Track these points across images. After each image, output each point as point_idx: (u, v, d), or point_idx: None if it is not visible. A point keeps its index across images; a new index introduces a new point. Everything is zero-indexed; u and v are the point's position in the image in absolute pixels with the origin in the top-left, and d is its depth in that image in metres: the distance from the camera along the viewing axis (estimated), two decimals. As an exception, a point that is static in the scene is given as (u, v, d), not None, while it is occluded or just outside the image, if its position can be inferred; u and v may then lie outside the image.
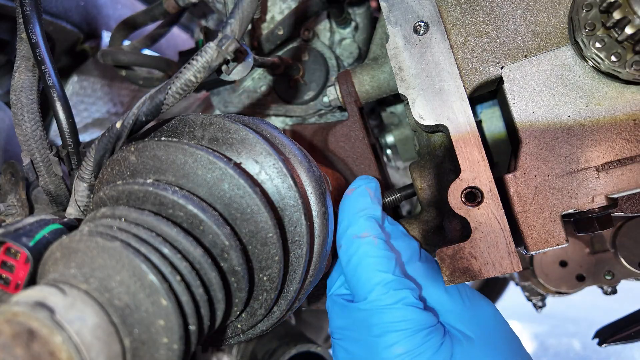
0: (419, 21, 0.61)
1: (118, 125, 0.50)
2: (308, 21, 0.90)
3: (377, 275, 0.58)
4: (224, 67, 0.51)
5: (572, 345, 3.59)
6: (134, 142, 0.48)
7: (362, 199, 0.65)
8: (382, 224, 0.65)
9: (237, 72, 0.54)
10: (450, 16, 0.63)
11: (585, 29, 0.55)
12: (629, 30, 0.51)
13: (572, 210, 0.59)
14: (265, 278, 0.48)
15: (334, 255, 0.72)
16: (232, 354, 1.06)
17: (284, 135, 0.57)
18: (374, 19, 0.95)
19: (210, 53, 0.48)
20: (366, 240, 0.61)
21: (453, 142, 0.59)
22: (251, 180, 0.47)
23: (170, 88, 0.49)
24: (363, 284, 0.59)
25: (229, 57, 0.49)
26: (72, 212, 0.55)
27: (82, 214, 0.55)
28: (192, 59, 0.48)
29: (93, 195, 0.51)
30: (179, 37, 1.57)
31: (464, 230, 0.69)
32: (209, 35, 0.94)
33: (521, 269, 0.57)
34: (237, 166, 0.47)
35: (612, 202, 0.58)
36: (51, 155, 0.62)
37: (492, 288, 2.24)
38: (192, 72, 0.48)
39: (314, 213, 0.53)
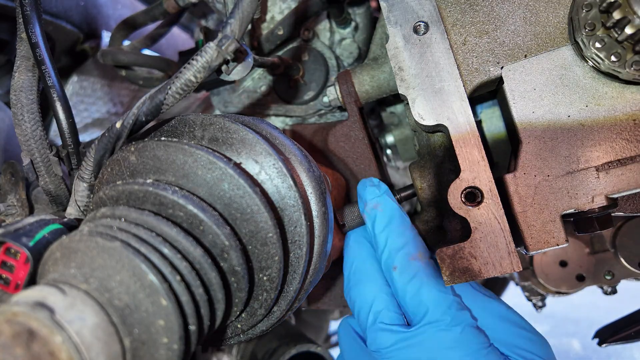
0: (419, 21, 0.61)
1: (118, 125, 0.50)
2: (308, 21, 0.90)
3: (440, 296, 0.60)
4: (223, 67, 0.51)
5: (572, 345, 3.59)
6: (133, 142, 0.48)
7: (398, 214, 0.66)
8: None
9: (237, 72, 0.54)
10: (450, 16, 0.63)
11: (585, 29, 0.55)
12: (628, 30, 0.51)
13: (572, 210, 0.59)
14: (265, 278, 0.48)
15: (340, 259, 0.71)
16: (232, 354, 1.06)
17: (283, 135, 0.57)
18: (374, 19, 0.95)
19: (210, 53, 0.48)
20: (425, 262, 0.62)
21: (453, 142, 0.59)
22: (251, 180, 0.47)
23: (170, 88, 0.49)
24: (427, 305, 0.60)
25: (229, 57, 0.49)
26: (72, 212, 0.55)
27: (82, 214, 0.55)
28: (192, 59, 0.48)
29: (93, 195, 0.51)
30: (179, 37, 1.57)
31: (464, 230, 0.69)
32: (209, 35, 0.94)
33: (521, 269, 0.56)
34: (237, 166, 0.47)
35: (612, 202, 0.58)
36: (51, 155, 0.62)
37: (492, 288, 2.24)
38: (192, 72, 0.48)
39: (314, 213, 0.53)
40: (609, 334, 1.15)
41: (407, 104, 0.63)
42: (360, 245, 0.68)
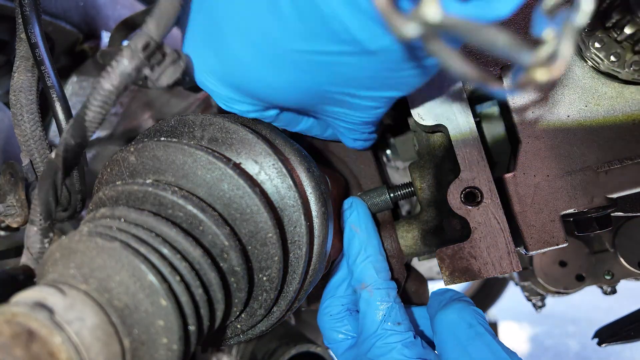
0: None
1: (53, 156, 0.46)
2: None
3: (374, 327, 0.58)
4: (147, 72, 0.46)
5: (572, 345, 3.59)
6: (133, 142, 0.48)
7: (353, 241, 0.65)
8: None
9: (167, 75, 0.48)
10: (450, 16, 0.63)
11: (585, 29, 0.55)
12: (628, 31, 0.51)
13: (571, 211, 0.59)
14: (264, 278, 0.48)
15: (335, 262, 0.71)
16: (232, 354, 1.06)
17: (283, 135, 0.57)
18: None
19: (125, 55, 0.43)
20: (365, 292, 0.61)
21: (452, 142, 0.59)
22: (251, 180, 0.47)
23: (91, 104, 0.44)
24: (364, 331, 0.59)
25: (141, 56, 0.44)
26: (25, 260, 0.50)
27: (35, 262, 0.49)
28: (108, 66, 0.44)
29: (92, 196, 0.51)
30: (178, 38, 1.57)
31: (464, 230, 0.69)
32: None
33: (521, 269, 0.57)
34: (237, 166, 0.47)
35: (612, 202, 0.58)
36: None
37: (492, 288, 2.24)
38: (109, 81, 0.44)
39: (314, 213, 0.53)
40: (608, 334, 1.15)
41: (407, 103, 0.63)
42: None
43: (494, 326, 2.49)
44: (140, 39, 0.43)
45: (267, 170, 0.50)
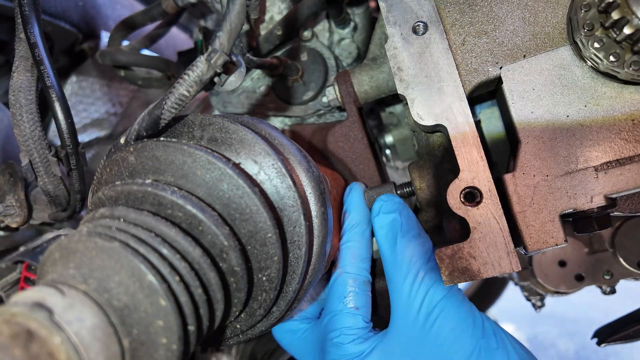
0: (418, 21, 0.61)
1: (122, 141, 0.52)
2: (307, 21, 0.90)
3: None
4: (216, 79, 0.52)
5: (571, 345, 3.60)
6: (132, 142, 0.48)
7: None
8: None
9: (230, 83, 0.55)
10: (449, 16, 0.63)
11: (584, 29, 0.55)
12: (627, 31, 0.51)
13: (571, 210, 0.59)
14: (264, 278, 0.48)
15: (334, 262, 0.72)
16: (232, 354, 1.05)
17: (283, 135, 0.57)
18: (372, 19, 0.95)
19: (200, 67, 0.49)
20: (333, 274, 0.67)
21: (452, 142, 0.59)
22: (250, 180, 0.47)
23: (165, 103, 0.50)
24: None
25: (218, 70, 0.50)
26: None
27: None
28: (184, 74, 0.49)
29: (92, 196, 0.51)
30: (177, 38, 1.57)
31: (463, 230, 0.69)
32: (208, 35, 0.94)
33: (520, 269, 0.57)
34: (236, 166, 0.47)
35: (611, 202, 0.59)
36: (50, 156, 0.62)
37: (491, 288, 2.25)
38: (184, 87, 0.49)
39: (313, 213, 0.53)
40: (607, 334, 1.15)
41: (406, 104, 0.63)
42: None
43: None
44: (218, 55, 0.49)
45: (266, 170, 0.50)
